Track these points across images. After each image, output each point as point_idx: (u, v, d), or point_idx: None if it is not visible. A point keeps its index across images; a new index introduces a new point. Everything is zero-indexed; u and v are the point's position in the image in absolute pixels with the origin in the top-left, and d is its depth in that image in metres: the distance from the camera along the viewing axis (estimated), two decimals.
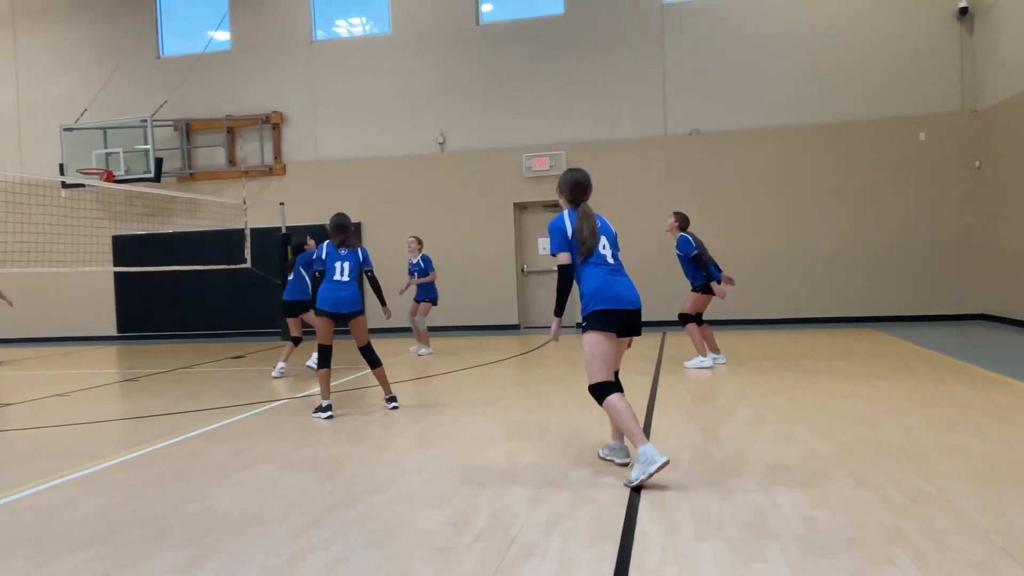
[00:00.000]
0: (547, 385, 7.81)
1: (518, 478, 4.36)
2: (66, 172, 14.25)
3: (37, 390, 8.83)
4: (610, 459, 4.59)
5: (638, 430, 4.08)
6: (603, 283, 4.26)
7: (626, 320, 4.28)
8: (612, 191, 13.25)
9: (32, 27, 15.74)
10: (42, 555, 3.42)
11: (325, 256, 6.83)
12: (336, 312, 6.60)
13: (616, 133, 13.72)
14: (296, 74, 14.79)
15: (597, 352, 4.23)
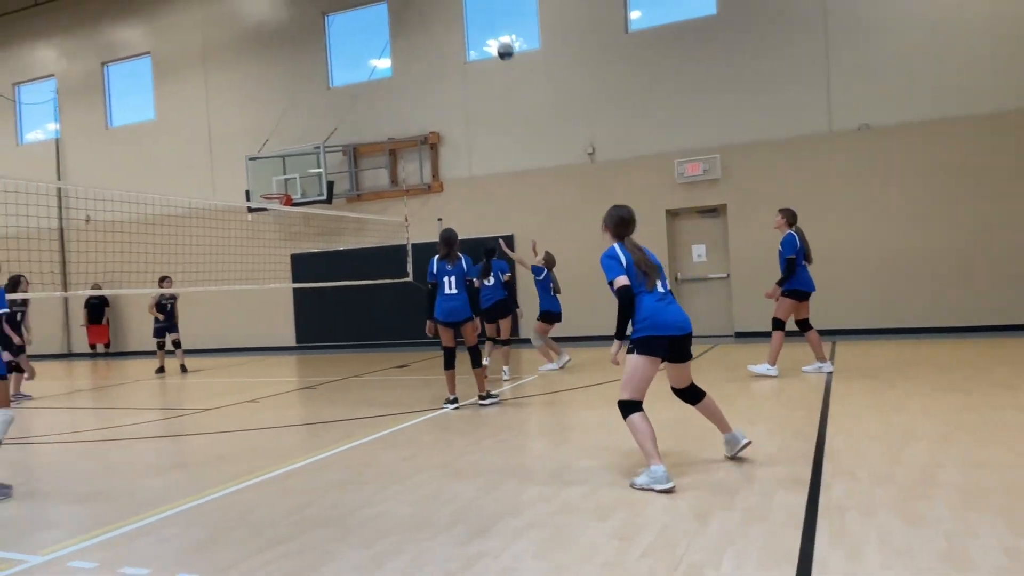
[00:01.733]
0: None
1: (683, 493, 4.26)
2: (251, 198, 15.70)
3: (230, 397, 9.77)
4: (733, 455, 4.91)
5: (654, 450, 4.40)
6: (654, 311, 4.53)
7: (674, 346, 4.60)
8: (770, 193, 12.67)
9: (220, 68, 17.51)
10: (242, 550, 3.77)
11: (437, 271, 7.63)
12: (449, 320, 7.54)
13: (775, 133, 13.12)
14: (451, 95, 15.41)
15: (637, 374, 4.53)
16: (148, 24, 18.18)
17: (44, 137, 19.69)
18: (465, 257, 7.79)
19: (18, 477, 6.04)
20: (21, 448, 7.31)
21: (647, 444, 4.42)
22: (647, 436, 4.44)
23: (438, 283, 7.64)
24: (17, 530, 4.42)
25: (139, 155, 18.09)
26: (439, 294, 7.62)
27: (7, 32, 19.54)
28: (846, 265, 12.50)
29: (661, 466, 4.33)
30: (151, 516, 4.44)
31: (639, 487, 4.37)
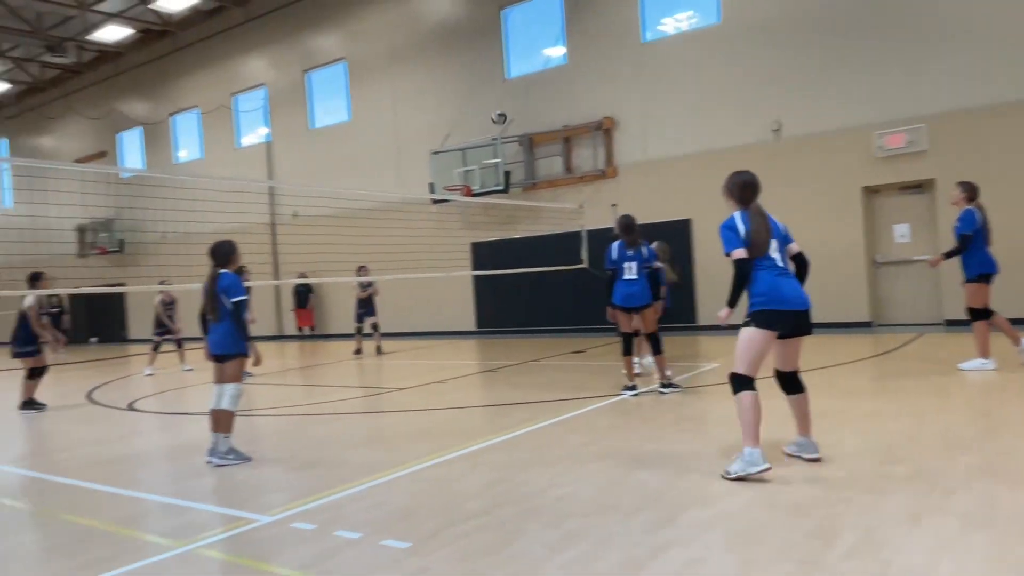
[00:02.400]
0: (912, 391, 6.94)
1: (890, 493, 3.96)
2: (435, 190, 16.51)
3: (419, 377, 10.38)
4: (797, 455, 4.70)
5: (755, 431, 4.32)
6: (772, 285, 4.43)
7: (794, 321, 4.48)
8: (987, 165, 11.30)
9: (405, 69, 18.51)
10: (440, 521, 4.01)
11: (617, 256, 7.56)
12: (628, 306, 7.52)
13: (993, 97, 11.66)
14: (627, 78, 15.22)
15: (752, 348, 4.43)
16: (343, 32, 19.61)
17: (257, 141, 21.91)
18: (646, 243, 7.74)
19: (244, 446, 6.82)
20: (246, 420, 8.24)
21: (750, 425, 4.34)
22: (753, 416, 4.35)
23: (617, 269, 7.60)
24: (248, 493, 5.00)
25: (336, 154, 19.61)
26: (618, 279, 7.61)
27: (225, 48, 21.91)
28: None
29: (757, 449, 4.28)
30: (359, 485, 4.85)
31: (734, 476, 4.29)
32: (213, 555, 3.75)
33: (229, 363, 5.83)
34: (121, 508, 4.81)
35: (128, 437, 7.51)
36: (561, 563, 3.31)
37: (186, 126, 23.66)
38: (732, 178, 4.73)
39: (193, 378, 12.27)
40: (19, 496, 5.39)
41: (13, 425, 8.73)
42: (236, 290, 5.80)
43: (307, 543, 3.81)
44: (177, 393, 10.67)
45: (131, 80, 24.51)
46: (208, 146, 22.89)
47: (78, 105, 25.79)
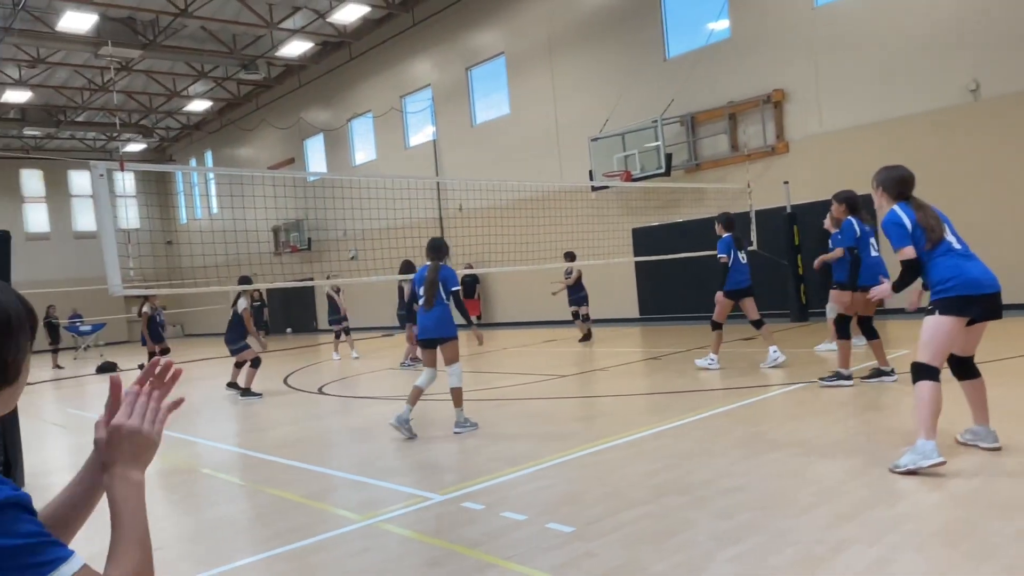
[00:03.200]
0: None
1: None
2: (594, 177, 16.46)
3: (582, 364, 10.42)
4: (973, 444, 4.42)
5: (932, 423, 4.04)
6: (960, 269, 4.18)
7: (987, 304, 4.20)
8: None
9: (564, 58, 18.57)
10: (605, 507, 4.01)
11: (860, 233, 6.94)
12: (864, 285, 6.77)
13: None
14: (797, 46, 14.28)
15: (940, 336, 4.16)
16: (501, 27, 20.02)
17: (424, 140, 22.96)
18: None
19: (419, 428, 7.21)
20: (421, 404, 8.70)
21: (928, 417, 4.06)
22: (932, 407, 4.06)
23: (858, 247, 6.96)
24: (423, 472, 5.29)
25: (498, 148, 20.10)
26: (865, 257, 7.00)
27: (394, 53, 23.13)
28: None
29: (932, 442, 4.01)
30: (525, 469, 4.97)
31: (903, 469, 4.02)
32: (392, 529, 4.00)
33: (447, 345, 6.43)
34: (312, 483, 5.26)
35: (318, 418, 8.19)
36: (731, 556, 3.20)
37: (361, 130, 25.27)
38: (884, 174, 4.52)
39: (362, 365, 13.11)
40: (228, 470, 6.05)
41: (221, 407, 9.81)
42: (453, 281, 6.45)
43: (476, 522, 3.97)
44: (361, 379, 11.46)
45: (313, 90, 26.55)
46: (380, 147, 24.31)
47: (269, 116, 28.35)
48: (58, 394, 13.92)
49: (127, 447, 1.25)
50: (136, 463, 1.25)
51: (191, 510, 4.92)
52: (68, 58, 23.19)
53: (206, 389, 12.37)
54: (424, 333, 6.51)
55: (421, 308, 6.50)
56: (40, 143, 32.48)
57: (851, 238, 6.95)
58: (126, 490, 1.23)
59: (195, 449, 7.00)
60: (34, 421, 9.33)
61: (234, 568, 3.65)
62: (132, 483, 1.23)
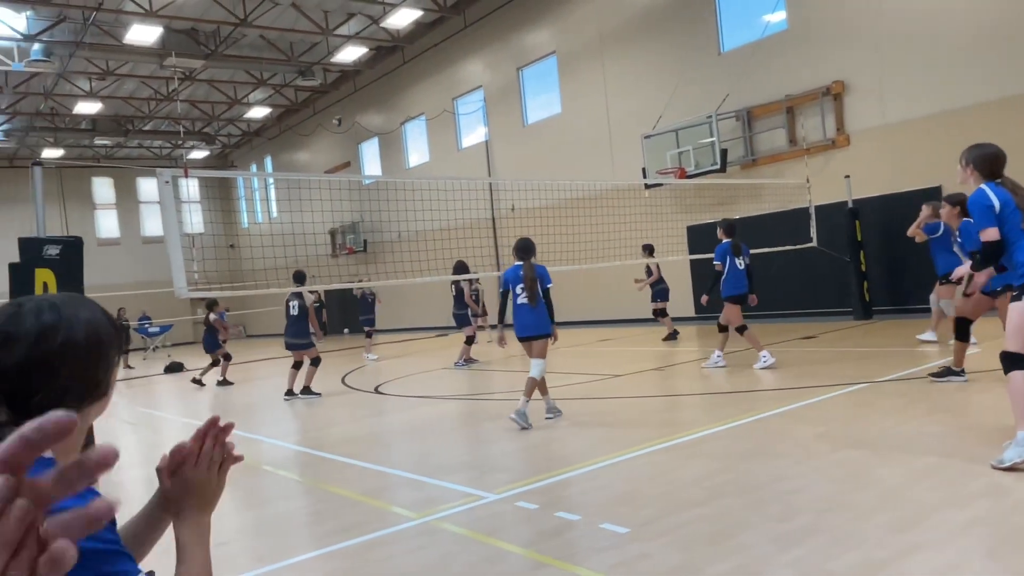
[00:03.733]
0: None
1: None
2: (647, 175, 16.27)
3: (638, 364, 10.33)
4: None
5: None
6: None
7: None
8: None
9: (616, 55, 18.42)
10: (659, 508, 3.97)
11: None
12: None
13: None
14: (859, 35, 13.83)
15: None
16: (552, 26, 19.99)
17: (476, 141, 23.09)
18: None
19: (474, 427, 7.26)
20: (473, 403, 8.77)
21: (1022, 405, 3.88)
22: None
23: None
24: (477, 471, 5.32)
25: (550, 147, 20.07)
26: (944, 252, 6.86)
27: (446, 55, 23.33)
28: None
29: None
30: (578, 469, 4.95)
31: (1008, 464, 3.83)
32: (447, 527, 4.04)
33: (541, 342, 6.68)
34: (369, 480, 5.35)
35: (375, 417, 8.33)
36: (790, 559, 3.12)
37: (415, 132, 25.57)
38: (978, 151, 4.39)
39: (416, 366, 13.25)
40: (288, 467, 6.20)
41: (282, 406, 10.06)
42: (548, 278, 6.76)
43: (530, 521, 3.97)
44: (416, 379, 11.60)
45: (368, 95, 26.98)
46: (434, 150, 24.55)
47: (325, 121, 28.94)
48: (129, 393, 14.49)
49: (197, 495, 1.31)
50: (205, 509, 1.33)
51: (252, 506, 5.06)
52: (135, 69, 24.12)
53: (267, 389, 12.71)
54: (526, 331, 6.70)
55: (524, 306, 6.66)
56: (110, 152, 33.87)
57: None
58: (196, 534, 1.30)
59: (257, 447, 7.20)
60: (106, 419, 9.73)
61: (293, 564, 3.74)
62: (202, 527, 1.31)
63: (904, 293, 13.61)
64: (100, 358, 1.21)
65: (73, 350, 1.17)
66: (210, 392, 12.89)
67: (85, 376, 1.19)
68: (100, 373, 1.21)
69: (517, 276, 6.70)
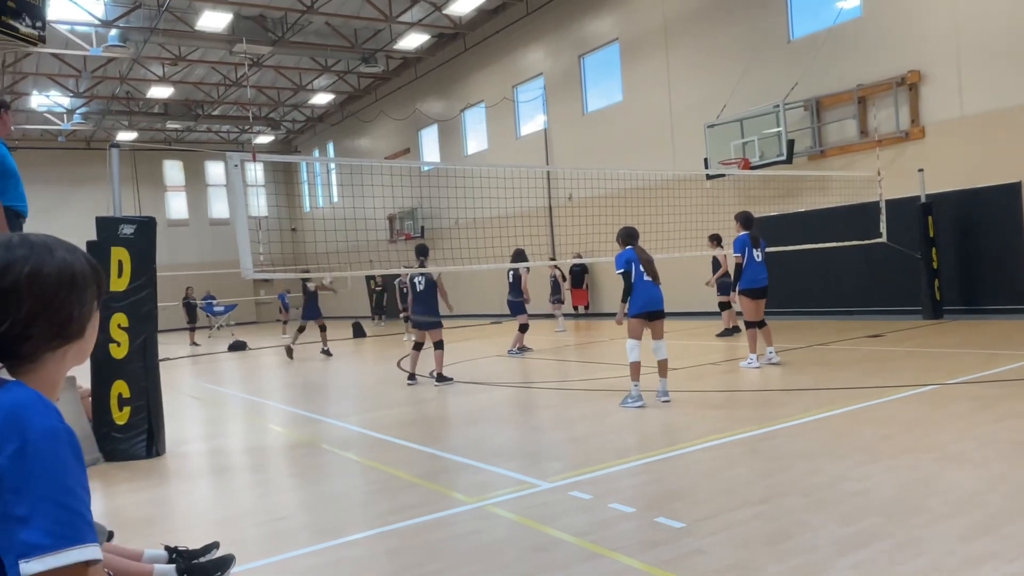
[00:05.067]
0: None
1: None
2: (709, 165, 15.96)
3: (695, 357, 10.18)
4: None
5: None
6: None
7: None
8: None
9: (680, 42, 18.08)
10: (717, 504, 3.91)
11: None
12: None
13: None
14: (936, 22, 13.25)
15: None
16: (616, 12, 19.73)
17: (535, 129, 23.02)
18: None
19: (523, 415, 7.28)
20: (528, 390, 8.79)
21: None
22: None
23: None
24: (531, 459, 5.34)
25: (609, 136, 19.87)
26: None
27: (507, 43, 23.29)
28: None
29: None
30: (634, 461, 4.92)
31: None
32: (501, 513, 4.07)
33: (663, 321, 7.14)
34: (425, 463, 5.42)
35: (432, 402, 8.43)
36: (852, 563, 3.04)
37: (474, 120, 25.64)
38: None
39: (472, 351, 13.33)
40: (347, 447, 6.33)
41: (341, 387, 10.26)
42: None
43: (583, 511, 3.97)
44: (472, 364, 11.69)
45: (428, 82, 27.17)
46: (492, 137, 24.58)
47: (386, 108, 29.28)
48: (194, 369, 15.03)
49: None
50: None
51: (312, 483, 5.19)
52: (206, 55, 24.82)
53: (326, 371, 13.00)
54: (656, 304, 7.08)
55: (647, 283, 7.04)
56: (180, 135, 35.02)
57: None
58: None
59: (317, 427, 7.37)
60: (174, 394, 10.13)
61: (349, 541, 3.82)
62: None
63: (978, 293, 13.05)
64: (72, 294, 1.25)
65: (40, 281, 1.22)
66: (267, 370, 13.25)
67: (53, 309, 1.23)
68: (73, 310, 1.25)
69: (633, 258, 7.11)
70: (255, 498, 4.91)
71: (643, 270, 7.07)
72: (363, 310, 29.84)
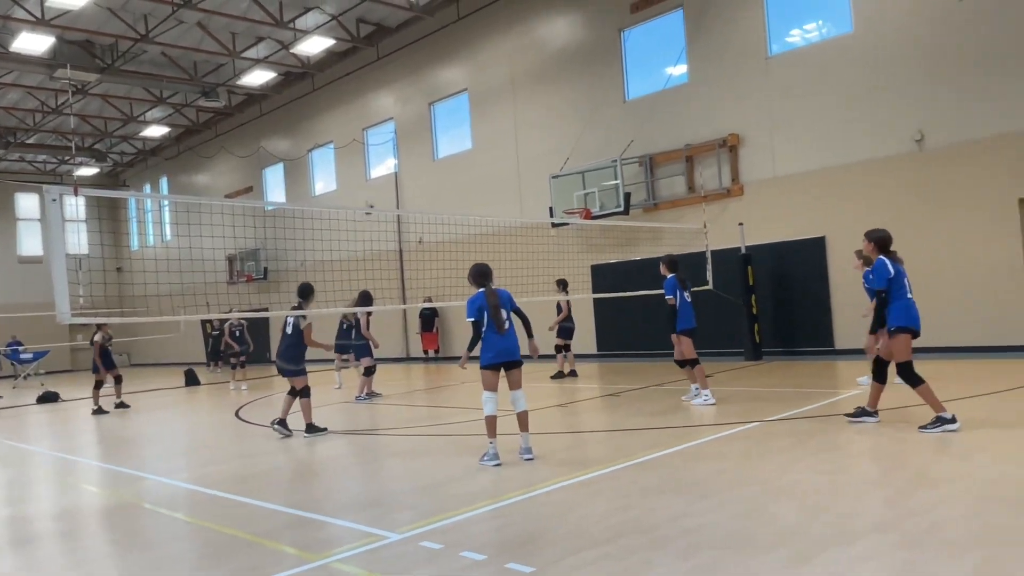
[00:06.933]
0: None
1: None
2: (554, 214, 16.61)
3: (541, 400, 10.39)
4: None
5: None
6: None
7: None
8: None
9: (526, 96, 18.85)
10: (565, 548, 3.97)
11: (895, 273, 6.50)
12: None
13: None
14: (752, 93, 14.76)
15: None
16: (466, 64, 20.26)
17: (385, 172, 22.95)
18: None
19: (373, 464, 7.07)
20: (376, 437, 8.56)
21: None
22: None
23: (890, 289, 6.51)
24: (379, 510, 5.17)
25: (459, 182, 20.20)
26: (903, 299, 6.48)
27: (358, 86, 23.18)
28: None
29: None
30: (484, 507, 4.89)
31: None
32: (347, 569, 3.89)
33: (519, 369, 6.46)
34: (264, 520, 5.09)
35: (271, 453, 7.97)
36: None
37: (322, 160, 25.15)
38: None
39: (316, 398, 12.86)
40: (175, 506, 5.82)
41: (169, 440, 9.47)
42: (513, 301, 6.66)
43: (435, 562, 3.88)
44: (315, 413, 11.20)
45: (274, 120, 26.39)
46: (341, 178, 24.21)
47: (228, 144, 28.04)
48: None
49: None
50: None
51: (131, 550, 4.70)
52: (21, 79, 22.67)
53: (154, 421, 11.97)
54: (507, 355, 6.36)
55: (495, 334, 6.34)
56: None
57: (884, 278, 6.49)
58: None
59: (141, 485, 6.74)
60: None
61: None
62: None
63: (791, 336, 14.39)
64: None
65: None
66: (82, 423, 12.01)
67: None
68: None
69: (482, 305, 6.43)
70: (63, 571, 4.37)
71: (488, 319, 6.40)
72: (198, 355, 27.96)
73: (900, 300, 6.48)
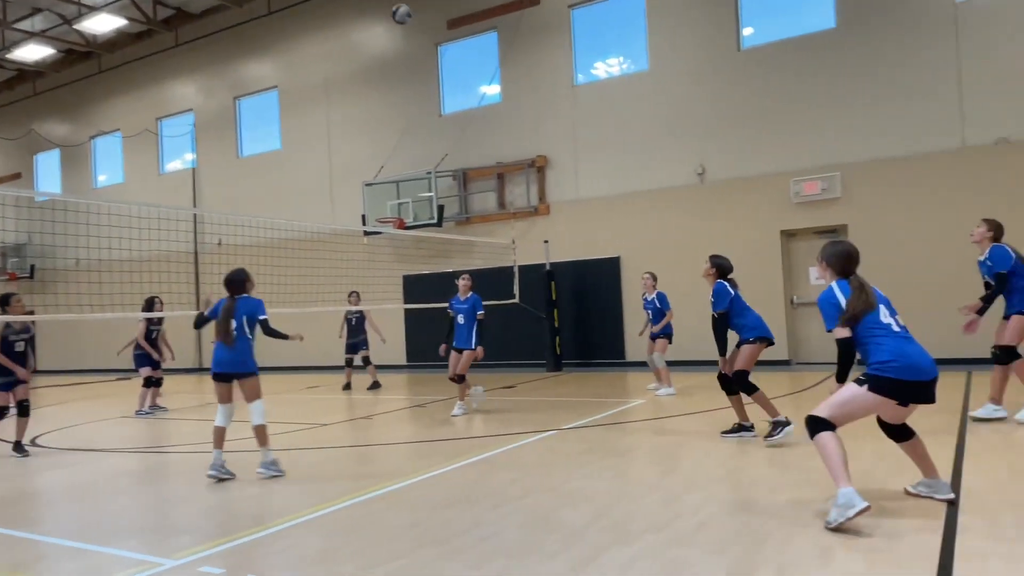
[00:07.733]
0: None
1: (806, 528, 4.04)
2: (367, 222, 16.35)
3: (344, 412, 10.14)
4: (928, 495, 4.42)
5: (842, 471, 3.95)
6: (899, 352, 4.09)
7: (920, 391, 4.10)
8: (895, 212, 12.00)
9: (341, 100, 18.42)
10: (358, 563, 3.88)
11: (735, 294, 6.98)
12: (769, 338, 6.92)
13: (901, 149, 12.42)
14: (559, 119, 15.54)
15: (853, 404, 4.14)
16: (276, 60, 19.40)
17: (182, 167, 21.31)
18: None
19: (152, 482, 6.51)
20: (156, 456, 7.87)
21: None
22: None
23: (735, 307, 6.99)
24: (154, 534, 4.74)
25: (266, 183, 19.25)
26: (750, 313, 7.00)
27: (152, 72, 21.36)
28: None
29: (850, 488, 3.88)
30: (273, 527, 4.66)
31: (835, 525, 3.87)
32: None
33: (247, 381, 6.20)
34: (19, 551, 4.48)
35: (29, 476, 7.04)
36: None
37: (107, 150, 22.84)
38: (829, 248, 4.51)
39: (84, 413, 11.64)
40: None
41: None
42: (262, 309, 6.32)
43: None
44: (85, 429, 10.09)
45: (50, 101, 23.59)
46: (130, 171, 22.15)
47: None
48: None
49: None
50: None
51: None
52: None
53: None
54: (219, 367, 6.18)
55: (219, 343, 6.14)
56: None
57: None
58: None
59: None
60: None
61: None
62: None
63: (589, 348, 15.26)
64: None
65: None
66: None
67: None
68: None
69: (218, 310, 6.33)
70: None
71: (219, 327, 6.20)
72: None
73: (750, 313, 6.98)
